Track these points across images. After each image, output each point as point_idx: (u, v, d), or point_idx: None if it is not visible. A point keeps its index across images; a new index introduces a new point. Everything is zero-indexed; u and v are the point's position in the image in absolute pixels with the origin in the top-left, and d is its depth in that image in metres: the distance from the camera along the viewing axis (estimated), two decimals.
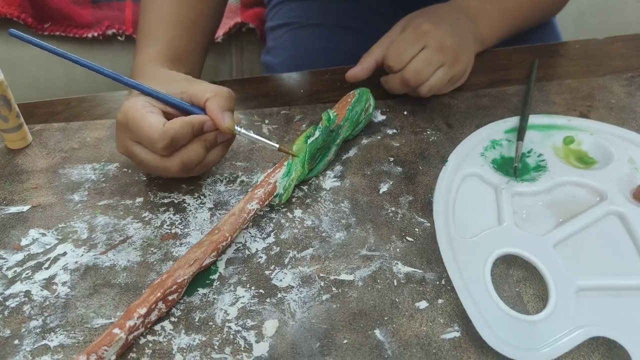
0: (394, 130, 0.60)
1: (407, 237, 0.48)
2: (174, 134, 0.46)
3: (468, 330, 0.40)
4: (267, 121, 0.62)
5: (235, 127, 0.49)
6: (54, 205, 0.52)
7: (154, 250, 0.48)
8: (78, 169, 0.56)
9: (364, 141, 0.58)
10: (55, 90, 0.93)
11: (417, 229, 0.48)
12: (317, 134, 0.54)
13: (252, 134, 0.51)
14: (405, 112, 0.62)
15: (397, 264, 0.45)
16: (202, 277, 0.45)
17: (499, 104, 0.64)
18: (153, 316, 0.41)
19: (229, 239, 0.45)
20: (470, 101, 0.64)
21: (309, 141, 0.53)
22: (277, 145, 0.51)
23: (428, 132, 0.59)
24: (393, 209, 0.50)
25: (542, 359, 0.37)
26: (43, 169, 0.57)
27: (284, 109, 0.64)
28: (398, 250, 0.47)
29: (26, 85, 0.88)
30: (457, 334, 0.40)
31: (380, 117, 0.62)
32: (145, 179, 0.55)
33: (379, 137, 0.59)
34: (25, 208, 0.52)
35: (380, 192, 0.52)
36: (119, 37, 0.95)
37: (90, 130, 0.62)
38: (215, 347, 0.40)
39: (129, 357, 0.40)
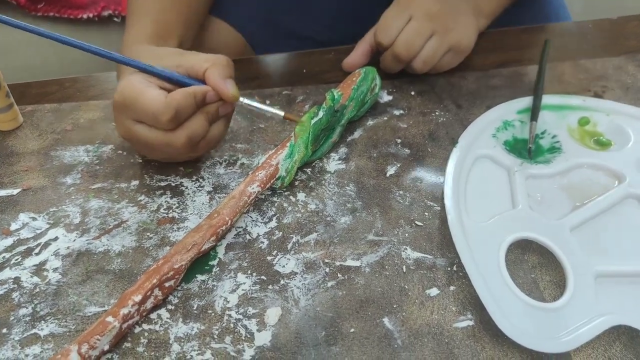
0: (401, 111, 0.57)
1: (416, 222, 0.45)
2: (177, 104, 0.43)
3: (482, 319, 0.38)
4: (268, 102, 0.59)
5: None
6: (46, 189, 0.50)
7: (150, 235, 0.45)
8: (71, 151, 0.54)
9: (370, 122, 0.56)
10: (49, 73, 0.90)
11: (426, 213, 0.46)
12: (320, 114, 0.51)
13: (255, 103, 0.49)
14: (412, 93, 0.60)
15: (406, 249, 0.43)
16: (200, 262, 0.43)
17: (510, 84, 0.61)
18: (149, 304, 0.39)
19: (228, 223, 0.43)
20: (481, 81, 0.62)
21: (313, 121, 0.50)
22: (283, 113, 0.49)
23: (437, 113, 0.57)
24: (401, 192, 0.48)
25: (562, 349, 0.35)
26: (34, 151, 0.55)
27: (285, 89, 0.61)
28: (407, 235, 0.44)
29: (18, 68, 0.86)
30: (471, 323, 0.38)
31: (386, 98, 0.59)
32: (141, 161, 0.52)
33: (385, 118, 0.56)
34: (15, 191, 0.50)
35: (388, 175, 0.50)
36: (114, 19, 0.92)
37: (83, 111, 0.59)
38: (215, 336, 0.38)
39: (123, 346, 0.38)
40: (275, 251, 0.44)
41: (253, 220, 0.46)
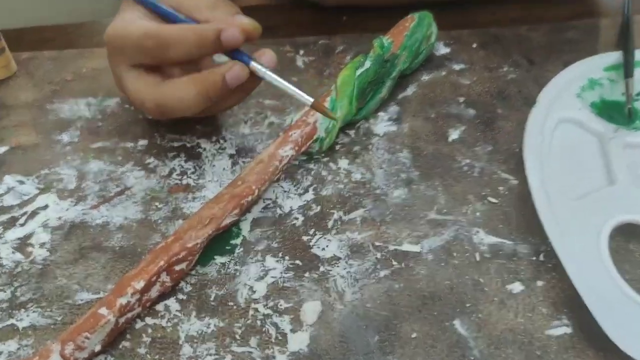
0: (462, 66, 0.47)
1: (488, 198, 0.36)
2: (167, 31, 0.34)
3: (582, 324, 0.29)
4: (301, 52, 0.50)
5: (256, 65, 0.36)
6: (38, 147, 0.42)
7: (159, 206, 0.37)
8: (70, 104, 0.46)
9: (425, 77, 0.46)
10: (50, 19, 0.80)
11: (501, 188, 0.37)
12: (367, 63, 0.42)
13: (278, 78, 0.36)
14: (474, 45, 0.50)
15: (478, 232, 0.34)
16: (220, 241, 0.34)
17: (588, 37, 0.51)
18: (154, 292, 0.30)
19: (255, 193, 0.34)
20: (552, 35, 0.51)
21: (358, 72, 0.41)
22: (312, 100, 0.36)
23: (505, 69, 0.47)
24: (468, 161, 0.39)
25: None
26: (28, 103, 0.46)
27: (322, 38, 0.52)
28: (478, 214, 0.35)
29: (15, 11, 0.77)
30: (568, 330, 0.29)
31: (443, 50, 0.49)
32: (151, 117, 0.44)
33: (443, 73, 0.47)
34: (3, 149, 0.42)
35: (450, 139, 0.41)
36: None
37: (87, 59, 0.51)
38: (237, 336, 0.29)
39: (120, 346, 0.29)
40: (313, 230, 0.35)
41: (285, 191, 0.37)
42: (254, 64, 0.36)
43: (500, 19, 0.54)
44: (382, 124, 0.42)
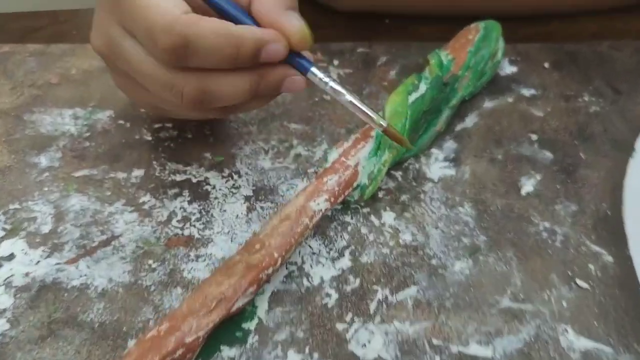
0: (532, 91, 0.39)
1: (576, 280, 0.28)
2: (193, 32, 0.25)
3: None
4: (336, 62, 0.41)
5: (318, 73, 0.28)
6: (9, 172, 0.34)
7: (153, 265, 0.29)
8: (53, 116, 0.37)
9: (488, 104, 0.38)
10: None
11: (591, 266, 0.28)
12: (423, 87, 0.33)
13: (344, 91, 0.28)
14: (545, 64, 0.41)
15: (566, 330, 0.26)
16: (229, 324, 0.26)
17: None
18: None
19: (278, 263, 0.26)
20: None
21: (412, 99, 0.33)
22: (385, 124, 0.29)
23: (585, 99, 0.38)
24: (547, 224, 0.30)
25: None
26: (2, 111, 0.38)
27: (361, 46, 0.43)
28: (564, 303, 0.27)
29: None
30: None
31: (508, 68, 0.40)
32: (150, 138, 0.35)
33: (509, 100, 0.38)
34: None
35: (523, 192, 0.32)
36: None
37: (78, 57, 0.42)
38: None
39: None
40: (350, 314, 0.27)
41: (314, 253, 0.29)
42: (314, 71, 0.27)
43: (574, 32, 0.45)
44: (436, 166, 0.34)
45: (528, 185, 0.33)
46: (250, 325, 0.27)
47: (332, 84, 0.28)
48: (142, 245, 0.30)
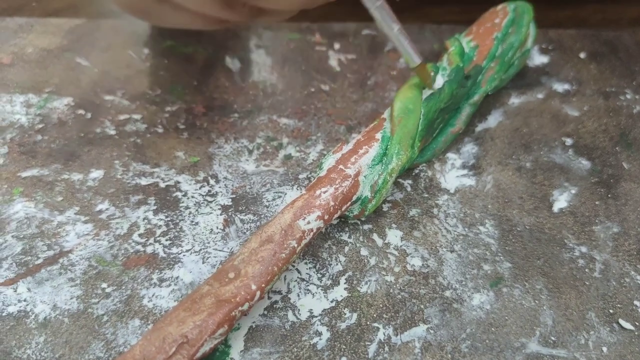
0: (566, 86, 0.35)
1: (619, 321, 0.24)
2: None
3: None
4: (337, 46, 0.37)
5: None
6: None
7: (108, 289, 0.25)
8: (1, 103, 0.33)
9: (514, 100, 0.34)
10: None
11: (637, 303, 0.25)
12: (440, 80, 0.29)
13: (390, 18, 0.28)
14: (581, 55, 0.37)
15: None
16: None
17: None
18: None
19: (256, 297, 0.22)
20: None
21: (426, 94, 0.28)
22: (419, 61, 0.28)
23: (628, 96, 0.34)
24: (584, 249, 0.26)
25: None
26: None
27: (367, 27, 0.39)
28: (605, 349, 0.23)
29: None
30: None
31: (538, 59, 0.36)
32: (114, 132, 0.31)
33: (540, 96, 0.34)
34: None
35: (555, 208, 0.28)
36: None
37: (37, 34, 0.38)
38: None
39: None
40: (344, 358, 0.23)
41: (303, 280, 0.25)
42: None
43: (613, 18, 0.41)
44: (453, 174, 0.30)
45: (561, 201, 0.29)
46: None
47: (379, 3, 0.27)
48: (96, 264, 0.26)
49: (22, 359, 0.23)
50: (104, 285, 0.26)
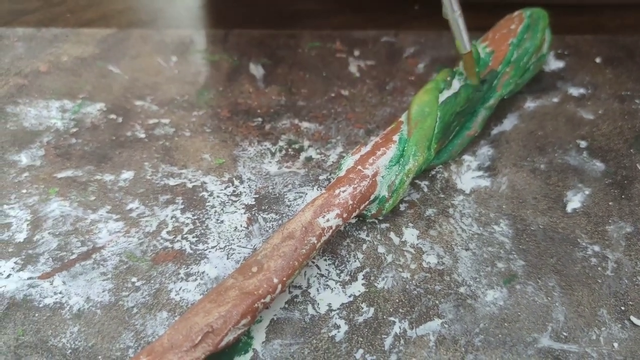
0: (582, 91, 0.35)
1: (631, 317, 0.25)
2: None
3: None
4: (356, 53, 0.38)
5: None
6: None
7: (137, 283, 0.26)
8: (38, 108, 0.35)
9: (530, 104, 0.34)
10: None
11: None
12: (456, 85, 0.30)
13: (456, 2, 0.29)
14: (597, 60, 0.37)
15: None
16: (220, 358, 0.23)
17: None
18: None
19: (277, 290, 0.23)
20: None
21: (442, 98, 0.29)
22: (469, 49, 0.30)
23: None
24: (597, 248, 0.27)
25: None
26: None
27: (385, 34, 0.40)
28: (616, 345, 0.24)
29: None
30: None
31: (554, 64, 0.37)
32: (144, 136, 0.33)
33: (555, 100, 0.35)
34: None
35: (569, 209, 0.29)
36: None
37: (71, 43, 0.40)
38: None
39: None
40: (361, 351, 0.24)
41: (322, 275, 0.26)
42: None
43: (631, 23, 0.41)
44: (468, 175, 0.31)
45: (575, 202, 0.29)
46: (244, 359, 0.24)
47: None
48: (127, 259, 0.28)
49: (57, 347, 0.25)
50: (134, 279, 0.27)
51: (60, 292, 0.27)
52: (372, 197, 0.27)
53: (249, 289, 0.23)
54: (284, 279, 0.24)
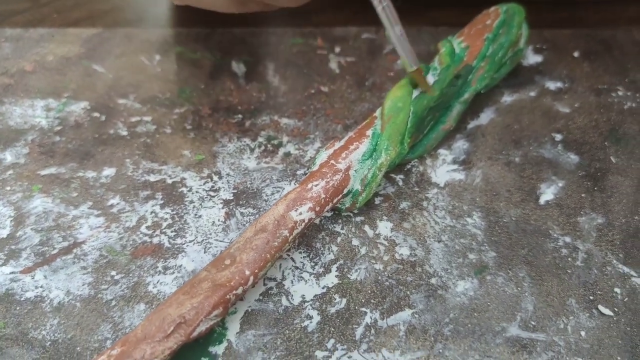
0: (559, 84, 0.36)
1: (599, 307, 0.25)
2: None
3: None
4: (337, 49, 0.39)
5: None
6: None
7: (116, 277, 0.27)
8: (23, 107, 0.36)
9: (507, 98, 0.35)
10: None
11: (618, 290, 0.26)
12: (430, 79, 0.30)
13: (391, 19, 0.28)
14: (575, 54, 0.38)
15: None
16: (194, 348, 0.24)
17: None
18: None
19: (249, 282, 0.24)
20: None
21: (416, 93, 0.30)
22: (415, 67, 0.29)
23: (620, 93, 0.35)
24: (568, 239, 0.27)
25: None
26: None
27: (366, 31, 0.40)
28: (583, 333, 0.24)
29: None
30: None
31: (532, 58, 0.37)
32: (126, 133, 0.33)
33: (532, 94, 0.35)
34: None
35: (542, 201, 0.29)
36: None
37: (57, 43, 0.40)
38: None
39: None
40: (332, 340, 0.24)
41: (296, 267, 0.27)
42: None
43: (610, 17, 0.42)
44: (443, 169, 0.31)
45: (548, 194, 0.30)
46: (218, 349, 0.24)
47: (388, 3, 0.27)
48: (106, 253, 0.28)
49: (37, 339, 0.25)
50: (113, 273, 0.27)
51: (41, 286, 0.27)
52: (345, 191, 0.28)
53: (222, 281, 0.24)
54: (256, 271, 0.24)
